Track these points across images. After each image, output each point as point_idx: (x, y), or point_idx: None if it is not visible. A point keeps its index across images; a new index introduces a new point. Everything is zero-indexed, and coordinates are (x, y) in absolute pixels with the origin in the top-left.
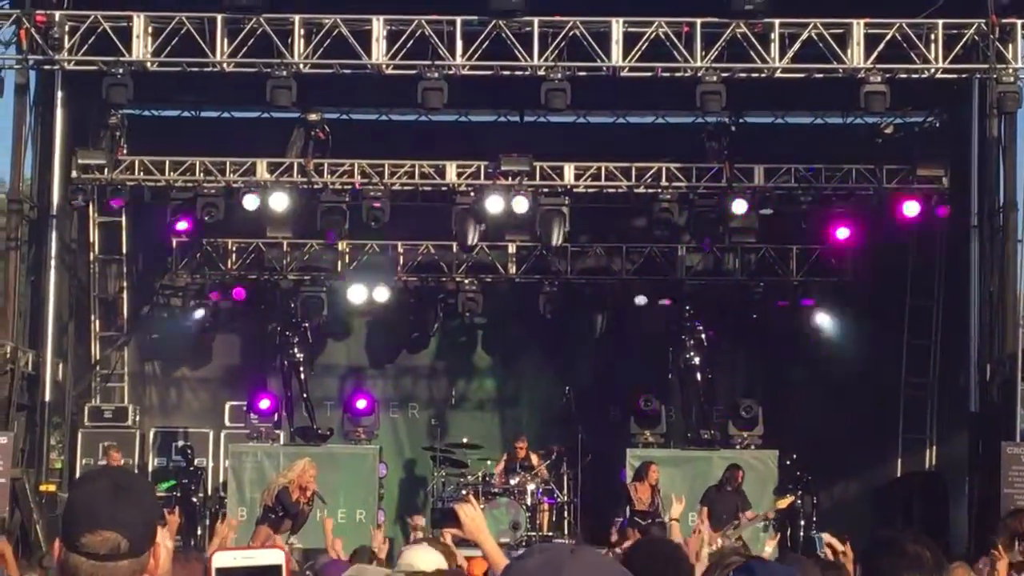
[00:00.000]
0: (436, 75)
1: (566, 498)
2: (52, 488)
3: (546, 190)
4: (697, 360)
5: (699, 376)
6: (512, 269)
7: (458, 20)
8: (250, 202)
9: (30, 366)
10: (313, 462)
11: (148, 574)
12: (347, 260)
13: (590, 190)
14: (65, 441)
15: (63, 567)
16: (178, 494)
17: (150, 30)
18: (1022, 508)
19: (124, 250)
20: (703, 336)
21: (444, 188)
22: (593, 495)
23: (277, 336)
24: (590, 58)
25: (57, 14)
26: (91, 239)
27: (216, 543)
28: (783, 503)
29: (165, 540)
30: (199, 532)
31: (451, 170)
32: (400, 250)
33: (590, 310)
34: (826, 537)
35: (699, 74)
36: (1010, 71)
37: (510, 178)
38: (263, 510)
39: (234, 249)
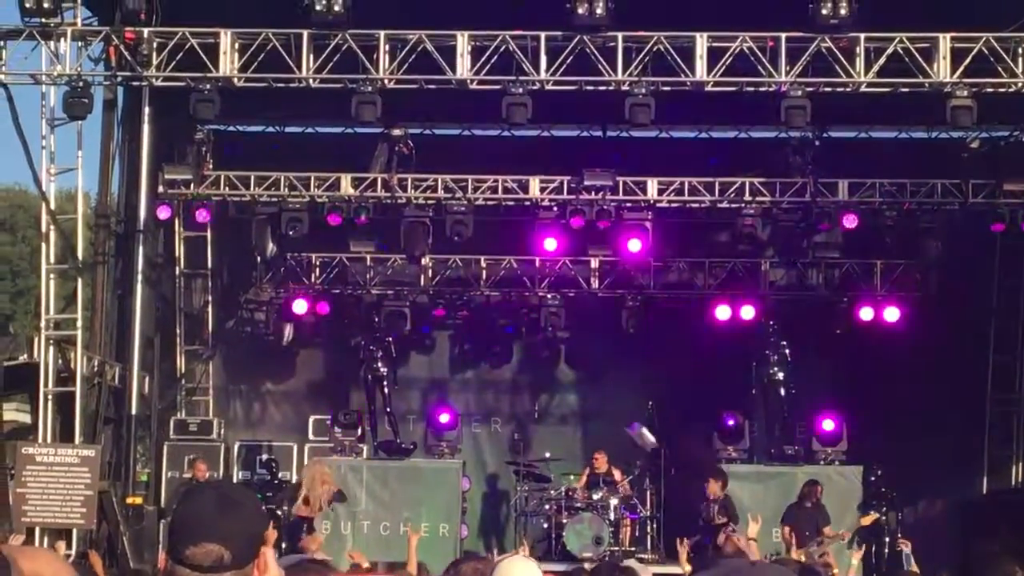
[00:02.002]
0: (520, 90)
1: (648, 513)
2: (138, 501)
3: (629, 205)
4: (781, 375)
5: (783, 391)
6: (595, 284)
7: (542, 35)
8: (335, 221)
9: (116, 379)
10: (321, 461)
11: None
12: (430, 275)
13: (673, 205)
14: (151, 454)
15: None
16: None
17: (237, 46)
18: None
19: (209, 264)
20: (787, 351)
21: (527, 203)
22: (676, 510)
23: (361, 350)
24: (674, 73)
25: (146, 31)
26: (177, 253)
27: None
28: (867, 520)
29: (269, 553)
30: (283, 545)
31: (534, 185)
32: (483, 264)
33: (673, 325)
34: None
35: (783, 89)
36: None
37: (593, 192)
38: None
39: (318, 263)
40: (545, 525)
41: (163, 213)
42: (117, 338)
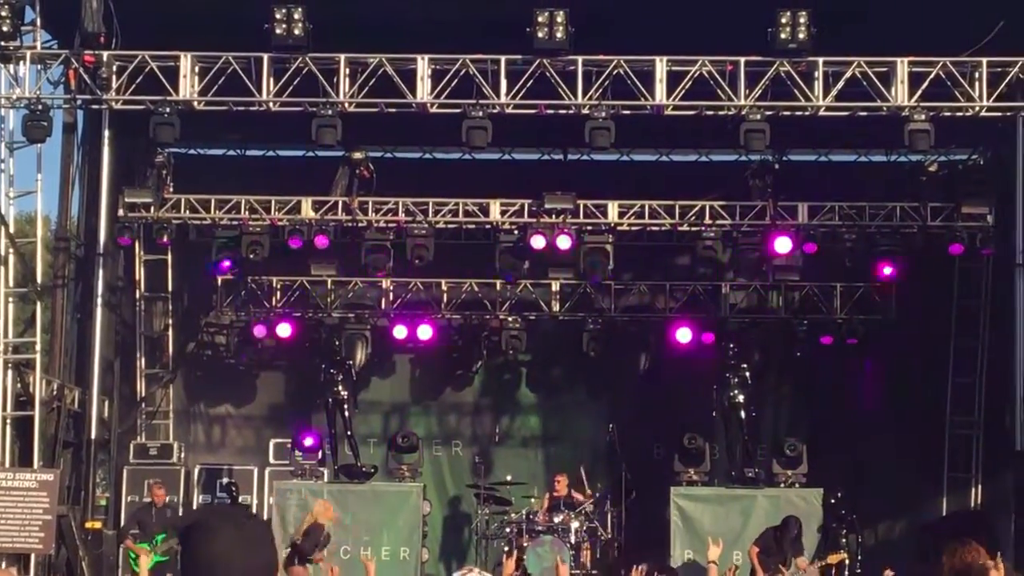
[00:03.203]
0: (480, 114)
1: (609, 535)
2: (98, 525)
3: (589, 228)
4: (741, 398)
5: (743, 414)
6: (556, 307)
7: (502, 59)
8: (295, 244)
9: (76, 403)
10: (328, 503)
11: None
12: (391, 298)
13: (633, 228)
14: (110, 478)
15: None
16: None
17: (197, 70)
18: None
19: (170, 288)
20: (747, 374)
21: (488, 226)
22: (636, 533)
23: (322, 373)
24: (634, 96)
25: (105, 54)
26: (137, 277)
27: None
28: (834, 558)
29: None
30: None
31: (495, 208)
32: (444, 288)
33: (633, 348)
34: None
35: (743, 112)
36: None
37: (553, 216)
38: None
39: (279, 287)
40: (506, 548)
41: (124, 241)
42: (76, 362)
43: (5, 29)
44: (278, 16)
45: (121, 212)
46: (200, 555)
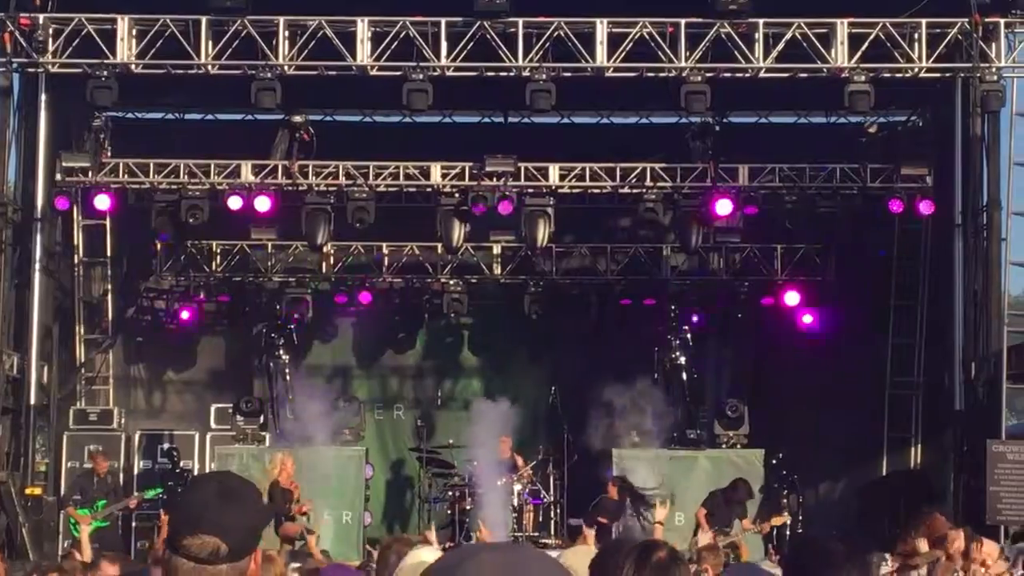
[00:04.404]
0: (421, 76)
1: (552, 498)
2: (38, 491)
3: (531, 191)
4: (683, 360)
5: (684, 376)
6: (497, 270)
7: (443, 21)
8: (234, 204)
9: (15, 369)
10: (289, 455)
11: None
12: (332, 262)
13: (575, 190)
14: (50, 444)
15: (166, 567)
16: (164, 497)
17: (134, 32)
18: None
19: (109, 253)
20: (688, 336)
21: (429, 189)
22: (579, 495)
23: (262, 338)
24: (575, 59)
25: (41, 17)
26: (75, 242)
27: None
28: (778, 520)
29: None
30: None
31: (436, 171)
32: (385, 251)
33: (575, 310)
34: None
35: (683, 74)
36: (993, 70)
37: (495, 179)
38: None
39: (219, 251)
40: (449, 511)
41: (62, 204)
42: (15, 327)
43: None
44: None
45: (59, 176)
46: (181, 505)
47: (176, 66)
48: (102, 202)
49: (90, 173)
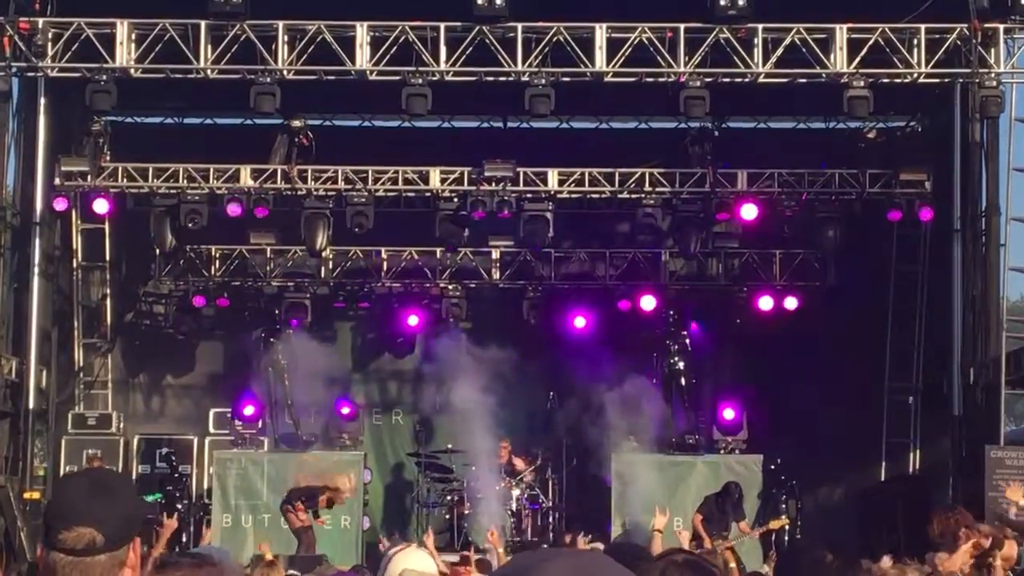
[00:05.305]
0: (420, 81)
1: (550, 503)
2: (36, 495)
3: (530, 195)
4: (681, 364)
5: (683, 380)
6: (496, 275)
7: (442, 26)
8: (233, 209)
9: (13, 373)
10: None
11: (128, 568)
12: (331, 266)
13: (573, 195)
14: (48, 448)
15: (44, 566)
16: (163, 501)
17: (134, 37)
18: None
19: (107, 257)
20: (687, 341)
21: (428, 194)
22: (577, 500)
23: (261, 342)
24: (574, 64)
25: (40, 21)
26: (74, 246)
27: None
28: (776, 524)
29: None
30: (183, 539)
31: (435, 176)
32: (384, 256)
33: (574, 315)
34: None
35: (682, 79)
36: (992, 75)
37: (494, 184)
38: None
39: (217, 256)
40: (447, 516)
41: (60, 205)
42: (14, 332)
43: None
44: None
45: (57, 181)
46: (53, 501)
47: (175, 70)
48: (101, 206)
49: (89, 177)
